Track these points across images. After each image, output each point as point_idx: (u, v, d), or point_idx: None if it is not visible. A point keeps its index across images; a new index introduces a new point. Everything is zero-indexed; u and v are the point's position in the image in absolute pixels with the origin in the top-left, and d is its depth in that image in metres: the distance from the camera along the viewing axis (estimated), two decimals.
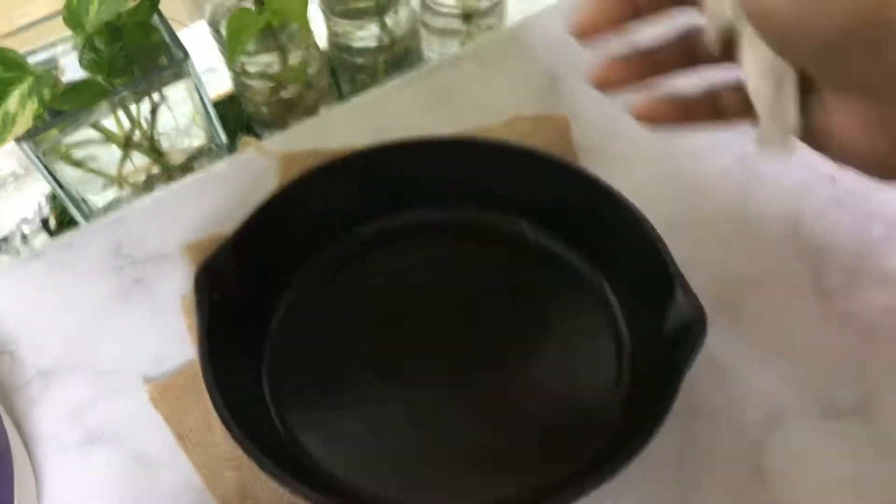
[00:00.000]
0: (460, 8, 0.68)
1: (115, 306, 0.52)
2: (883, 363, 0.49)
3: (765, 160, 0.55)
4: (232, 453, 0.46)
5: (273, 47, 0.61)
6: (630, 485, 0.46)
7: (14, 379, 0.50)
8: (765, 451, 0.46)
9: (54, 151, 0.56)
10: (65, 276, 0.53)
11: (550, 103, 0.58)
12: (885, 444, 0.46)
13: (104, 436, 0.48)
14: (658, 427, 0.40)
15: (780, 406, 0.48)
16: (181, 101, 0.60)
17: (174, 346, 0.50)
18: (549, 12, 0.62)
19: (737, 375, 0.49)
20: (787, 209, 0.54)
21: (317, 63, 0.67)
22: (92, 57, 0.53)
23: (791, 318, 0.50)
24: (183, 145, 0.64)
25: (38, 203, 0.75)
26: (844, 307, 0.50)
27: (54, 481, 0.47)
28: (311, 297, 0.50)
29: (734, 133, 0.58)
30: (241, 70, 0.64)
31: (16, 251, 0.72)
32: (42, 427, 0.49)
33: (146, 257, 0.54)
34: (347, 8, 0.66)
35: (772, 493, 0.45)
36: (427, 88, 0.59)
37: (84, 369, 0.50)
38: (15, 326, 0.52)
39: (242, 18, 0.55)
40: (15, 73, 0.48)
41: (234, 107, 0.77)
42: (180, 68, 0.56)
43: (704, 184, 0.55)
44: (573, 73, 0.59)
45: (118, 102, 0.56)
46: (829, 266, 0.52)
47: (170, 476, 0.47)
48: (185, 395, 0.48)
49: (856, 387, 0.48)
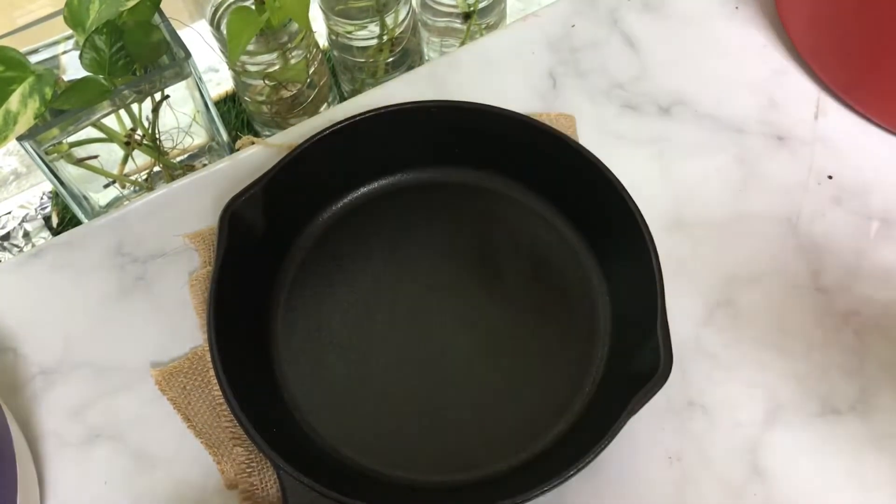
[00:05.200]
0: (460, 8, 0.69)
1: (117, 304, 0.52)
2: (881, 361, 0.49)
3: (763, 159, 0.56)
4: (239, 432, 0.47)
5: (273, 47, 0.62)
6: (629, 482, 0.46)
7: (16, 377, 0.50)
8: (763, 448, 0.47)
9: (56, 150, 0.57)
10: (66, 275, 0.54)
11: (551, 103, 0.58)
12: (882, 441, 0.47)
13: (106, 433, 0.48)
14: (583, 463, 0.41)
15: (778, 404, 0.48)
16: (182, 99, 0.61)
17: (176, 343, 0.51)
18: (549, 12, 0.62)
19: (735, 373, 0.49)
20: (786, 208, 0.54)
21: (317, 63, 0.67)
22: (93, 56, 0.53)
23: (789, 316, 0.50)
24: (184, 144, 0.64)
25: (39, 201, 0.75)
26: (842, 305, 0.51)
27: (57, 478, 0.47)
28: (318, 253, 0.52)
29: (733, 133, 0.58)
30: (241, 69, 0.64)
31: (18, 249, 0.73)
32: (44, 424, 0.49)
33: (147, 255, 0.54)
34: (347, 8, 0.66)
35: (770, 490, 0.46)
36: (427, 88, 0.59)
37: (86, 367, 0.50)
38: (17, 324, 0.52)
39: (243, 18, 0.55)
40: (16, 72, 0.48)
41: (235, 106, 0.77)
42: (181, 67, 0.56)
43: (703, 183, 0.55)
44: (573, 73, 0.59)
45: (119, 101, 0.56)
46: (828, 264, 0.52)
47: (171, 473, 0.47)
48: (190, 379, 0.49)
49: (853, 385, 0.48)
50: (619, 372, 0.47)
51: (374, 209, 0.54)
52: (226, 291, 0.46)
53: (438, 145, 0.53)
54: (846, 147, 0.56)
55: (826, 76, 0.57)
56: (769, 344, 0.50)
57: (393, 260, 0.52)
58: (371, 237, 0.53)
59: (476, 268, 0.52)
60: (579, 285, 0.51)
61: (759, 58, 0.60)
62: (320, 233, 0.53)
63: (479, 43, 0.62)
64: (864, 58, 0.55)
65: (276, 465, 0.42)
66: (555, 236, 0.52)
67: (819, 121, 0.57)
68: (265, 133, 0.72)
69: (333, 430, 0.47)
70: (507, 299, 0.51)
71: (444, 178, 0.54)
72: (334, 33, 0.69)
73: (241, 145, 0.57)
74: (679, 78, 0.59)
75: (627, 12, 0.62)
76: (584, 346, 0.49)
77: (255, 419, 0.43)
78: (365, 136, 0.51)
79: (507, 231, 0.53)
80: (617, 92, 0.59)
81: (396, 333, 0.50)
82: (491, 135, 0.52)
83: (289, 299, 0.51)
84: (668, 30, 0.61)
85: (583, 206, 0.51)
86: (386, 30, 0.67)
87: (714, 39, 0.61)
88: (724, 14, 0.62)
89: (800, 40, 0.59)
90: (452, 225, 0.54)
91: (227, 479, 0.47)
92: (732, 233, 0.53)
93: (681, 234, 0.53)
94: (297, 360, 0.49)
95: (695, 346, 0.49)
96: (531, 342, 0.50)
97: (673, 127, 0.57)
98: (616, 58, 0.60)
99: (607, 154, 0.50)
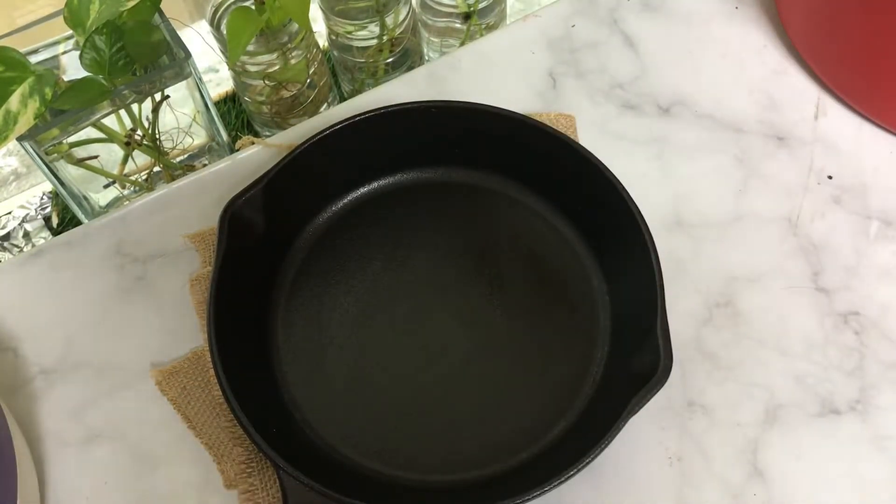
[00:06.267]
0: (460, 8, 0.69)
1: (117, 304, 0.52)
2: (880, 361, 0.49)
3: (763, 159, 0.56)
4: (239, 432, 0.47)
5: (273, 47, 0.62)
6: (629, 482, 0.46)
7: (16, 377, 0.50)
8: (763, 448, 0.47)
9: (56, 150, 0.57)
10: (66, 275, 0.54)
11: (550, 103, 0.58)
12: (882, 441, 0.47)
13: (106, 433, 0.49)
14: (583, 463, 0.41)
15: (778, 404, 0.48)
16: (182, 100, 0.61)
17: (176, 343, 0.51)
18: (549, 12, 0.62)
19: (735, 373, 0.49)
20: (786, 208, 0.54)
21: (317, 63, 0.67)
22: (93, 56, 0.53)
23: (789, 315, 0.50)
24: (184, 144, 0.64)
25: (39, 201, 0.75)
26: (842, 305, 0.51)
27: (57, 478, 0.47)
28: (318, 253, 0.53)
29: (733, 133, 0.58)
30: (241, 69, 0.64)
31: (18, 249, 0.73)
32: (44, 424, 0.49)
33: (147, 255, 0.54)
34: (347, 8, 0.66)
35: (770, 491, 0.46)
36: (427, 88, 0.59)
37: (86, 367, 0.50)
38: (17, 324, 0.52)
39: (243, 18, 0.55)
40: (16, 73, 0.48)
41: (235, 106, 0.77)
42: (181, 67, 0.56)
43: (703, 183, 0.55)
44: (573, 72, 0.59)
45: (119, 101, 0.56)
46: (828, 264, 0.52)
47: (171, 473, 0.47)
48: (190, 379, 0.49)
49: (853, 385, 0.48)
50: (619, 372, 0.47)
51: (374, 209, 0.54)
52: (226, 291, 0.46)
53: (438, 145, 0.53)
54: (846, 147, 0.56)
55: (826, 76, 0.57)
56: (769, 344, 0.50)
57: (393, 260, 0.52)
58: (371, 237, 0.53)
59: (476, 268, 0.52)
60: (579, 285, 0.51)
61: (758, 58, 0.60)
62: (320, 233, 0.53)
63: (479, 43, 0.62)
64: (864, 58, 0.55)
65: (276, 465, 0.42)
66: (555, 236, 0.52)
67: (819, 121, 0.57)
68: (265, 133, 0.72)
69: (333, 430, 0.47)
70: (507, 299, 0.51)
71: (444, 178, 0.54)
72: (334, 33, 0.69)
73: (241, 145, 0.57)
74: (679, 78, 0.59)
75: (627, 12, 0.62)
76: (584, 346, 0.49)
77: (255, 419, 0.43)
78: (365, 137, 0.51)
79: (507, 231, 0.53)
80: (617, 92, 0.59)
81: (396, 333, 0.50)
82: (491, 135, 0.52)
83: (289, 299, 0.51)
84: (668, 30, 0.61)
85: (583, 206, 0.51)
86: (386, 30, 0.67)
87: (714, 39, 0.61)
88: (723, 14, 0.62)
89: (800, 40, 0.59)
90: (452, 225, 0.54)
91: (227, 479, 0.47)
92: (732, 233, 0.53)
93: (681, 234, 0.53)
94: (297, 360, 0.49)
95: (695, 346, 0.49)
96: (531, 342, 0.50)
97: (673, 127, 0.57)
98: (616, 58, 0.60)
99: (607, 154, 0.50)
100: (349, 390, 0.49)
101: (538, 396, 0.48)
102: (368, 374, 0.49)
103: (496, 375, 0.49)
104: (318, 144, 0.50)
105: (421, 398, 0.48)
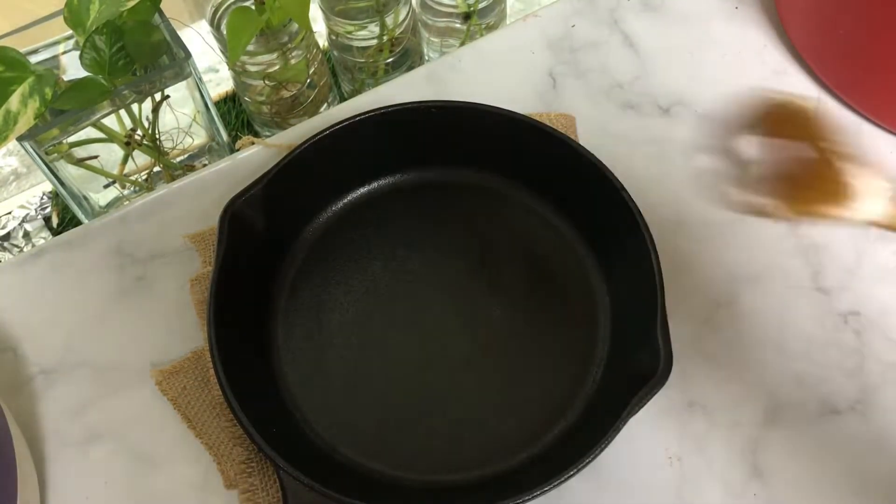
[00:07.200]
0: (460, 8, 0.69)
1: (117, 304, 0.52)
2: (880, 361, 0.49)
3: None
4: (239, 432, 0.47)
5: (273, 47, 0.62)
6: (629, 482, 0.46)
7: (16, 377, 0.50)
8: (763, 448, 0.47)
9: (56, 150, 0.57)
10: (66, 275, 0.54)
11: (550, 103, 0.58)
12: (882, 441, 0.47)
13: (106, 433, 0.49)
14: (583, 463, 0.41)
15: (778, 404, 0.48)
16: (182, 100, 0.61)
17: (176, 343, 0.51)
18: (549, 12, 0.62)
19: (735, 373, 0.49)
20: None
21: (317, 63, 0.67)
22: (93, 56, 0.53)
23: (789, 316, 0.50)
24: (184, 144, 0.64)
25: (39, 201, 0.75)
26: (842, 305, 0.51)
27: (57, 478, 0.47)
28: (318, 253, 0.52)
29: (733, 132, 0.58)
30: (241, 69, 0.64)
31: (18, 249, 0.73)
32: (44, 425, 0.49)
33: (147, 255, 0.54)
34: (347, 8, 0.66)
35: (770, 491, 0.46)
36: (427, 88, 0.59)
37: (86, 367, 0.50)
38: (17, 324, 0.52)
39: (243, 18, 0.55)
40: (16, 73, 0.48)
41: (235, 106, 0.77)
42: (181, 68, 0.56)
43: (703, 183, 0.55)
44: (573, 72, 0.59)
45: (119, 101, 0.56)
46: (828, 264, 0.52)
47: (171, 473, 0.47)
48: (190, 379, 0.49)
49: (853, 385, 0.48)
50: (619, 372, 0.47)
51: (374, 209, 0.54)
52: (226, 292, 0.46)
53: (438, 145, 0.53)
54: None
55: (826, 76, 0.57)
56: (769, 344, 0.50)
57: (393, 260, 0.52)
58: (371, 237, 0.53)
59: (476, 268, 0.52)
60: (579, 285, 0.51)
61: (758, 58, 0.60)
62: (320, 233, 0.53)
63: (479, 43, 0.62)
64: (864, 58, 0.55)
65: (276, 465, 0.42)
66: (554, 236, 0.52)
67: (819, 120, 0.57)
68: (265, 133, 0.72)
69: (333, 430, 0.47)
70: (507, 299, 0.51)
71: (444, 178, 0.54)
72: (334, 33, 0.69)
73: (241, 145, 0.57)
74: (679, 78, 0.59)
75: (627, 12, 0.62)
76: (584, 346, 0.49)
77: (255, 419, 0.43)
78: (365, 137, 0.51)
79: (507, 231, 0.53)
80: (617, 92, 0.59)
81: (396, 333, 0.50)
82: (491, 135, 0.52)
83: (289, 299, 0.51)
84: (668, 30, 0.61)
85: (583, 206, 0.51)
86: (386, 30, 0.67)
87: (714, 39, 0.61)
88: (723, 14, 0.62)
89: (800, 40, 0.59)
90: (452, 225, 0.54)
91: (227, 479, 0.47)
92: (732, 233, 0.53)
93: (681, 234, 0.53)
94: (297, 360, 0.49)
95: (695, 347, 0.49)
96: (531, 342, 0.50)
97: (673, 127, 0.57)
98: (616, 58, 0.60)
99: (607, 154, 0.50)
100: (349, 390, 0.49)
101: (538, 396, 0.48)
102: (368, 373, 0.49)
103: (496, 375, 0.49)
104: (318, 144, 0.50)
105: (421, 398, 0.48)
